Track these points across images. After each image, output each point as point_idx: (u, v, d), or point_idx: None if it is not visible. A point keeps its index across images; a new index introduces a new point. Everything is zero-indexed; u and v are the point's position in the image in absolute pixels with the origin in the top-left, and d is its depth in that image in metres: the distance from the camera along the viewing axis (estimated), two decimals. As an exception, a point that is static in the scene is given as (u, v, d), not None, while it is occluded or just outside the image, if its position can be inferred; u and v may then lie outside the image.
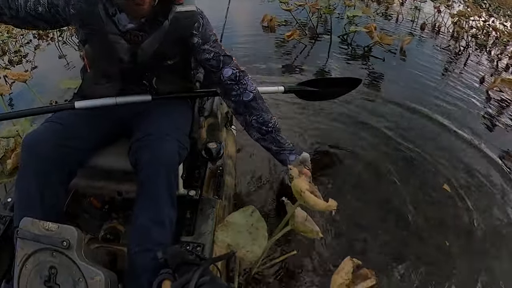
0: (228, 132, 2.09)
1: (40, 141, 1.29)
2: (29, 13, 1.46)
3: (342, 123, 3.08)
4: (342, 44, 5.28)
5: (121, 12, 1.36)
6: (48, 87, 4.33)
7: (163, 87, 1.53)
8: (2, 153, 2.48)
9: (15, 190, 1.30)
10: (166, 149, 1.29)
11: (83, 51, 1.51)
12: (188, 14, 1.42)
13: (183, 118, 1.55)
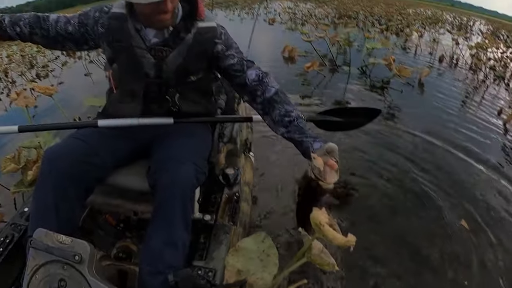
0: (247, 158, 2.08)
1: (60, 156, 1.31)
2: (59, 33, 1.50)
3: (359, 153, 3.07)
4: (361, 76, 5.32)
5: (147, 28, 1.40)
6: (73, 103, 4.42)
7: (185, 105, 1.52)
8: (23, 163, 2.52)
9: (32, 200, 1.32)
10: (184, 173, 1.28)
11: (109, 72, 1.54)
12: (209, 29, 1.43)
13: (203, 143, 1.55)
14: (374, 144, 3.25)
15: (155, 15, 1.28)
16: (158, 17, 1.29)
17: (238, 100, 2.16)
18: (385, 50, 6.41)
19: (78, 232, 1.41)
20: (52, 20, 1.50)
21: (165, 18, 1.31)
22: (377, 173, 2.82)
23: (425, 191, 2.64)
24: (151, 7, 1.25)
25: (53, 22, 1.50)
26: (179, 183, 1.25)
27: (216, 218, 1.54)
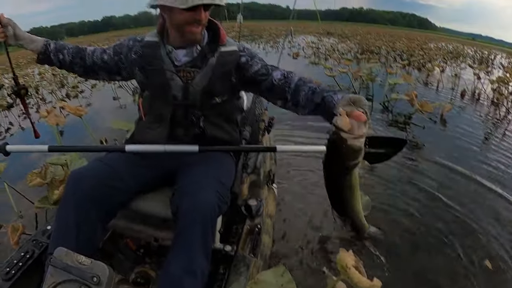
0: (270, 190, 2.06)
1: (85, 178, 1.34)
2: (95, 62, 1.60)
3: (381, 186, 3.02)
4: (383, 111, 5.30)
5: (177, 49, 1.48)
6: (100, 124, 4.52)
7: (210, 129, 1.54)
8: (49, 179, 2.57)
9: (55, 219, 1.33)
10: (206, 200, 1.28)
11: (140, 101, 1.60)
12: (231, 52, 1.50)
13: (226, 172, 1.55)
14: (396, 178, 3.19)
15: (189, 25, 1.36)
16: (191, 28, 1.37)
17: (263, 132, 2.15)
18: (407, 85, 6.38)
19: (98, 254, 1.41)
20: (89, 51, 1.62)
21: (197, 30, 1.39)
22: (399, 207, 2.76)
23: (448, 227, 2.55)
24: (186, 16, 1.33)
25: (90, 52, 1.61)
26: (201, 208, 1.25)
27: (236, 249, 1.52)
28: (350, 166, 1.08)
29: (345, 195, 1.21)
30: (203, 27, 1.43)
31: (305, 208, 2.68)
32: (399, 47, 16.28)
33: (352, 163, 1.06)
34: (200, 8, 1.32)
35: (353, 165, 1.08)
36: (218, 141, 1.57)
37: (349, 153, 1.03)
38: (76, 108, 3.71)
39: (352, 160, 1.06)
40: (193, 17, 1.34)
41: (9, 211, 2.92)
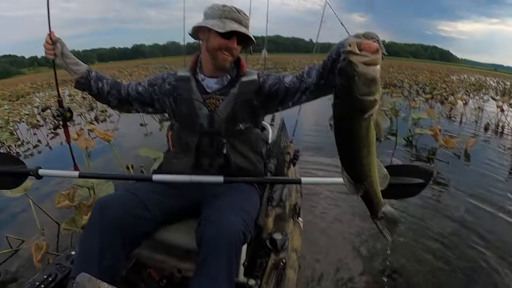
0: (295, 224, 2.02)
1: (111, 206, 1.37)
2: (130, 93, 1.69)
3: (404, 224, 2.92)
4: (407, 146, 5.23)
5: (209, 78, 1.60)
6: (127, 150, 4.59)
7: (235, 157, 1.57)
8: (77, 201, 2.61)
9: (79, 244, 1.35)
10: (231, 227, 1.27)
11: (169, 133, 1.68)
12: (252, 81, 1.59)
13: (251, 203, 1.54)
14: (420, 215, 3.11)
15: (222, 51, 1.49)
16: (223, 55, 1.50)
17: (288, 164, 2.13)
18: (431, 119, 6.32)
19: (120, 282, 1.41)
20: (125, 84, 1.72)
21: (228, 58, 1.51)
22: (422, 245, 2.66)
23: (474, 268, 2.44)
24: (221, 42, 1.47)
25: (126, 85, 1.71)
26: (225, 235, 1.24)
27: (260, 283, 1.48)
28: (364, 104, 0.88)
29: (359, 149, 0.98)
30: (233, 58, 1.55)
31: (331, 244, 2.64)
32: (422, 80, 16.18)
33: (366, 99, 0.87)
34: (234, 38, 1.48)
35: (367, 103, 0.88)
36: (242, 172, 1.60)
37: (361, 83, 0.86)
38: (105, 133, 3.80)
39: (366, 95, 0.87)
40: (227, 44, 1.47)
41: (32, 226, 2.99)
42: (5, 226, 3.20)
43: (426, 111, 6.28)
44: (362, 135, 0.94)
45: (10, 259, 2.65)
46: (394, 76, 17.48)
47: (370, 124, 0.92)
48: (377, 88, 0.88)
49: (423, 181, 1.62)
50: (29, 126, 7.66)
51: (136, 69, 28.56)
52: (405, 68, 27.79)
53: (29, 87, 24.21)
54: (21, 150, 6.13)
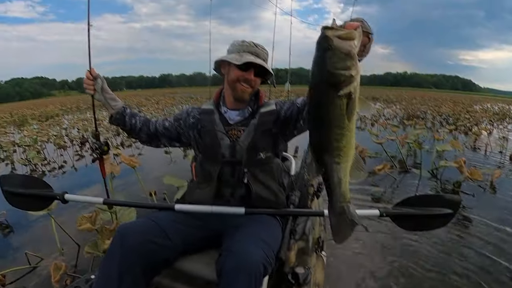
0: (318, 258, 1.95)
1: (132, 232, 1.38)
2: (158, 129, 1.78)
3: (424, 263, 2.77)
4: (432, 179, 5.08)
5: (231, 110, 1.67)
6: (151, 176, 4.64)
7: (256, 186, 1.56)
8: (98, 225, 2.62)
9: (99, 268, 1.36)
10: (252, 259, 1.23)
11: (193, 164, 1.73)
12: (270, 112, 1.65)
13: (273, 235, 1.51)
14: (445, 249, 2.97)
15: (240, 83, 1.57)
16: (242, 86, 1.58)
17: (312, 197, 2.09)
18: (455, 151, 6.19)
19: None
20: (153, 120, 1.82)
21: (246, 89, 1.59)
22: (448, 281, 2.53)
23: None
24: (239, 74, 1.56)
25: (154, 121, 1.81)
26: (246, 267, 1.21)
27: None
28: (338, 78, 0.85)
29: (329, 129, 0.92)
30: (253, 90, 1.62)
31: (355, 280, 2.54)
32: (445, 111, 15.96)
33: (340, 73, 0.85)
34: (252, 70, 1.56)
35: (342, 78, 0.86)
36: (264, 202, 1.59)
37: (335, 56, 0.84)
38: (131, 159, 3.86)
39: (340, 69, 0.85)
40: (244, 75, 1.56)
41: (52, 245, 3.02)
42: (26, 242, 3.25)
43: (450, 142, 6.15)
44: (336, 113, 0.90)
45: (27, 276, 2.68)
46: (417, 107, 17.30)
47: (345, 104, 0.89)
48: (353, 64, 0.86)
49: (450, 211, 1.56)
50: (56, 147, 7.85)
51: (163, 98, 29.32)
52: (428, 99, 27.53)
53: (59, 109, 25.09)
54: (46, 169, 6.29)
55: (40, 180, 1.80)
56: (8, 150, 7.70)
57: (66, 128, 11.52)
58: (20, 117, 19.70)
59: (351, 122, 0.92)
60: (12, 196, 1.71)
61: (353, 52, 0.86)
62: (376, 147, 6.44)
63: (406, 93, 44.94)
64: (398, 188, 4.73)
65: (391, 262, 2.75)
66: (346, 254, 2.86)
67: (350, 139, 0.95)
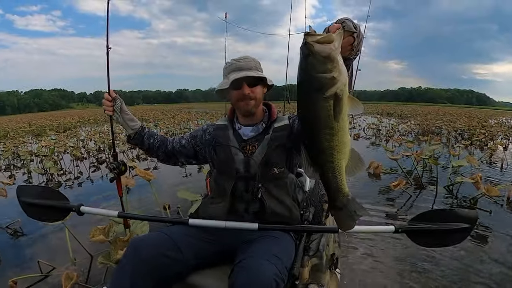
0: (332, 275, 1.90)
1: (145, 246, 1.39)
2: (174, 147, 1.81)
3: (445, 279, 2.70)
4: (447, 195, 4.97)
5: (245, 126, 1.70)
6: (165, 189, 4.65)
7: (270, 201, 1.55)
8: (111, 237, 2.61)
9: (110, 281, 1.35)
10: (263, 275, 1.21)
11: (207, 180, 1.75)
12: (284, 127, 1.66)
13: (286, 251, 1.49)
14: (459, 270, 2.86)
15: (240, 101, 1.61)
16: (241, 103, 1.61)
17: (326, 214, 2.06)
18: (471, 167, 6.07)
19: None
20: (170, 139, 1.84)
21: (246, 104, 1.61)
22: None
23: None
24: (235, 94, 1.61)
25: (171, 140, 1.83)
26: (257, 283, 1.19)
27: None
28: (321, 81, 0.90)
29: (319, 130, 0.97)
30: (256, 101, 1.63)
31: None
32: (460, 126, 15.71)
33: (323, 76, 0.89)
34: (243, 84, 1.57)
35: (325, 81, 0.90)
36: (278, 218, 1.58)
37: (316, 60, 0.89)
38: (146, 173, 3.88)
39: (323, 72, 0.89)
40: (240, 93, 1.59)
41: (65, 255, 3.04)
42: (39, 251, 3.30)
43: (466, 158, 6.03)
44: (323, 115, 0.94)
45: (38, 284, 2.70)
46: (432, 123, 17.06)
47: (331, 105, 0.93)
48: (334, 66, 0.90)
49: (467, 225, 1.50)
50: (73, 158, 7.95)
51: (179, 113, 29.56)
52: (443, 114, 27.19)
53: (76, 121, 25.51)
54: (62, 179, 6.37)
55: (56, 192, 1.81)
56: (26, 159, 7.86)
57: (83, 140, 11.68)
58: (39, 128, 20.15)
59: (341, 121, 0.97)
60: (28, 207, 1.73)
61: (333, 54, 0.89)
62: (391, 163, 6.40)
63: (420, 109, 44.58)
64: (413, 205, 4.63)
65: (407, 279, 2.68)
66: (361, 271, 2.80)
67: (341, 138, 1.00)
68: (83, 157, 8.44)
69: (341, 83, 0.91)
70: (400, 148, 8.56)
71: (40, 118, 33.80)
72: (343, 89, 0.93)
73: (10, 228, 3.92)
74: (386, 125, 16.43)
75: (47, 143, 9.64)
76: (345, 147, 1.02)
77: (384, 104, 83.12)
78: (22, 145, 10.74)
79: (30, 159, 8.14)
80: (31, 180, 6.46)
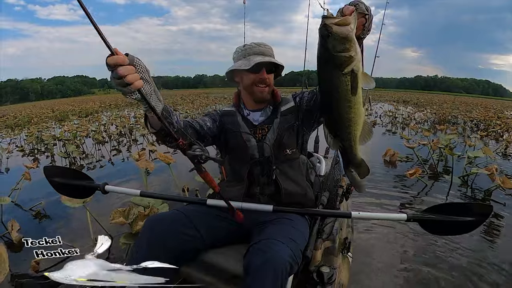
0: (344, 259, 1.92)
1: (161, 223, 1.41)
2: (202, 127, 1.59)
3: (456, 270, 2.67)
4: (462, 186, 4.87)
5: (254, 112, 1.69)
6: (184, 173, 4.68)
7: (284, 182, 1.59)
8: (131, 219, 2.65)
9: (128, 256, 1.37)
10: (279, 256, 1.22)
11: (222, 166, 1.73)
12: (291, 109, 1.67)
13: (300, 234, 1.48)
14: (473, 258, 2.84)
15: (256, 85, 1.58)
16: (258, 88, 1.59)
17: (341, 198, 2.05)
18: (487, 158, 5.93)
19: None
20: (190, 120, 1.58)
21: (263, 89, 1.59)
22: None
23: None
24: (252, 77, 1.57)
25: (200, 120, 1.62)
26: (272, 264, 1.20)
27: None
28: (340, 59, 0.98)
29: (338, 104, 1.07)
30: (269, 88, 1.62)
31: (378, 283, 2.47)
32: (476, 116, 15.38)
33: (341, 55, 0.98)
34: (263, 69, 1.55)
35: (343, 59, 0.98)
36: (293, 198, 1.61)
37: (335, 41, 0.96)
38: (166, 156, 3.94)
39: (341, 51, 0.98)
40: (258, 77, 1.56)
41: (86, 235, 3.12)
42: (61, 232, 3.37)
43: (482, 149, 5.90)
44: (342, 89, 1.03)
45: (59, 264, 2.72)
46: (448, 111, 16.72)
47: (349, 80, 1.01)
48: (352, 45, 0.97)
49: (479, 218, 1.47)
50: (95, 142, 8.09)
51: (198, 98, 29.63)
52: (459, 104, 26.61)
53: (98, 106, 25.82)
54: (84, 162, 6.50)
55: (81, 172, 1.83)
56: (49, 143, 8.02)
57: (105, 124, 11.87)
58: (61, 113, 20.49)
59: (357, 95, 1.06)
60: (57, 184, 1.75)
61: (351, 35, 0.97)
62: (407, 151, 6.34)
63: (436, 97, 43.76)
64: (428, 193, 4.57)
65: (417, 268, 2.66)
66: (375, 259, 2.79)
67: (357, 111, 1.09)
68: (105, 141, 8.58)
69: (357, 60, 0.99)
70: (416, 137, 8.43)
71: (63, 104, 34.36)
72: (359, 65, 1.01)
73: (34, 210, 4.01)
74: (403, 113, 16.19)
75: (70, 128, 9.84)
76: (360, 118, 1.12)
77: (401, 91, 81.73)
78: (45, 130, 10.95)
79: (54, 143, 8.31)
80: (54, 163, 6.59)
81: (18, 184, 4.37)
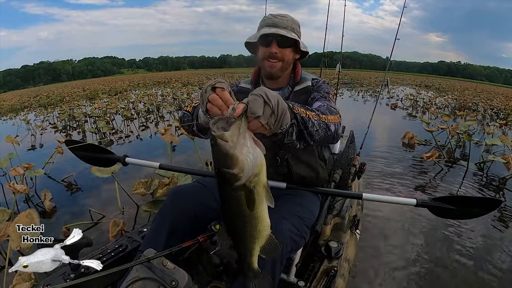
0: (352, 235, 1.94)
1: (183, 193, 1.44)
2: None
3: (464, 256, 2.66)
4: (478, 172, 4.77)
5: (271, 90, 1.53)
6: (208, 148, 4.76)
7: (297, 166, 1.51)
8: (152, 190, 2.74)
9: (151, 223, 1.45)
10: (279, 230, 1.22)
11: None
12: (305, 90, 1.52)
13: (309, 210, 1.49)
14: (483, 247, 2.80)
15: (266, 59, 1.43)
16: (268, 62, 1.44)
17: (353, 177, 2.06)
18: (504, 146, 5.75)
19: (182, 262, 1.49)
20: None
21: (272, 64, 1.44)
22: (480, 278, 2.39)
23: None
24: (263, 51, 1.43)
25: None
26: None
27: (309, 286, 1.45)
28: (227, 176, 0.80)
29: (234, 218, 0.91)
30: (283, 63, 1.45)
31: (384, 261, 2.48)
32: (496, 104, 14.85)
33: (224, 170, 0.79)
34: (273, 42, 1.39)
35: (227, 175, 0.80)
36: (305, 180, 1.54)
37: (219, 155, 0.78)
38: (190, 131, 3.99)
39: (226, 167, 0.79)
40: (268, 50, 1.41)
41: (114, 205, 3.25)
42: (91, 201, 3.51)
43: (500, 137, 5.73)
44: (233, 203, 0.87)
45: (89, 230, 2.89)
46: (469, 98, 16.19)
47: (243, 195, 0.84)
48: (234, 163, 0.79)
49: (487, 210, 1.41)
50: (124, 118, 8.26)
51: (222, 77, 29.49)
52: (480, 91, 25.69)
53: (127, 85, 26.16)
54: (114, 138, 6.68)
55: (101, 147, 1.86)
56: (80, 120, 8.27)
57: (133, 102, 12.07)
58: (92, 92, 20.85)
59: (256, 210, 0.89)
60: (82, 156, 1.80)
61: (231, 152, 0.78)
62: (426, 134, 6.20)
63: (458, 84, 42.38)
64: (443, 178, 4.49)
65: (423, 251, 2.65)
66: (382, 239, 2.79)
67: (256, 225, 0.92)
68: (133, 118, 8.75)
69: (246, 178, 0.81)
70: (436, 121, 8.20)
71: (93, 84, 35.02)
72: (253, 180, 0.84)
73: (65, 181, 4.16)
74: (424, 97, 15.79)
75: (100, 106, 10.04)
76: (260, 233, 0.95)
77: (424, 76, 79.21)
78: (77, 108, 11.25)
79: (85, 120, 8.57)
80: (85, 138, 6.82)
81: (51, 158, 4.54)
